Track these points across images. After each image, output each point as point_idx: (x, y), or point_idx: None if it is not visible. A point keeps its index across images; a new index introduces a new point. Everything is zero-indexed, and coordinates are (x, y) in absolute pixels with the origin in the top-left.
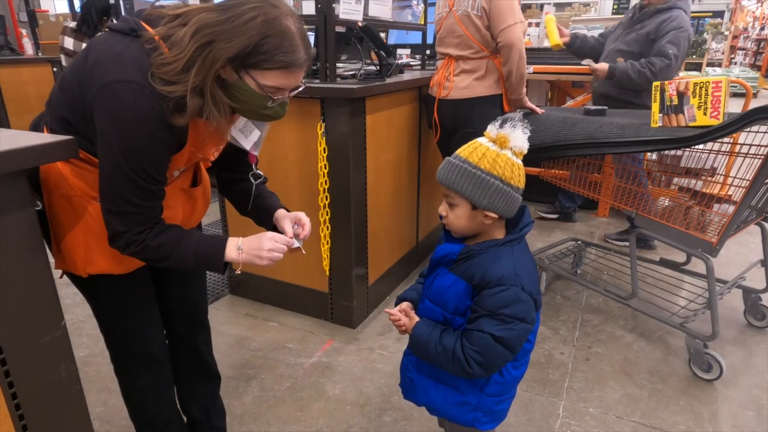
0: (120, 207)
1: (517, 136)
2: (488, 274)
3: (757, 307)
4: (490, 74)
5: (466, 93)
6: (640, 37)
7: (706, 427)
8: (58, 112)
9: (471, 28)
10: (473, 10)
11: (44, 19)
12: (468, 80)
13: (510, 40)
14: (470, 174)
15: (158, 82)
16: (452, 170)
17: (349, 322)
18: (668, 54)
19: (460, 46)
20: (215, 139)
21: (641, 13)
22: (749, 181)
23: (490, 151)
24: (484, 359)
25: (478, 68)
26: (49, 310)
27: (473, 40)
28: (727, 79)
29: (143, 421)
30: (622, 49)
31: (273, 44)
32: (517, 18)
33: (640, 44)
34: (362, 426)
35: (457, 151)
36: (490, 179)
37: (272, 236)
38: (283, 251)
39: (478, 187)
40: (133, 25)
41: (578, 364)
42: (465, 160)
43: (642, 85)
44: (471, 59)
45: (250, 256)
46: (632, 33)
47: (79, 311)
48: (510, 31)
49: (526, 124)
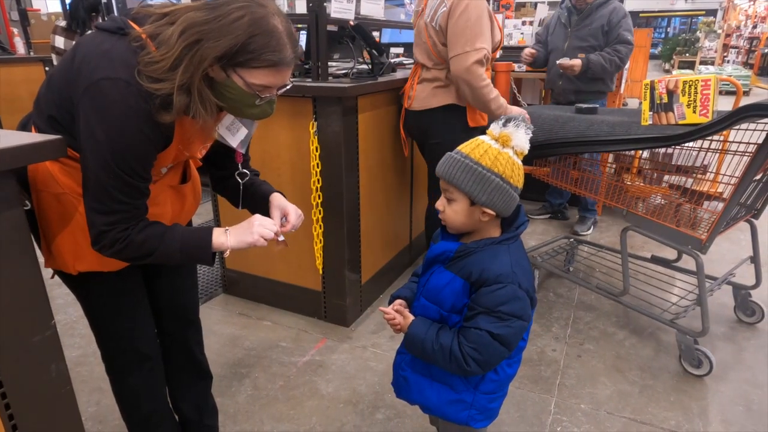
0: (105, 205)
1: (519, 135)
2: (486, 271)
3: (746, 303)
4: (451, 84)
5: (426, 103)
6: (594, 31)
7: (695, 423)
8: (45, 110)
9: (431, 39)
10: (432, 22)
11: (36, 18)
12: (428, 89)
13: (455, 72)
14: (471, 169)
15: (145, 80)
16: (453, 165)
17: (342, 321)
18: (629, 40)
19: (424, 54)
20: (202, 137)
21: (586, 9)
22: (738, 178)
23: (492, 149)
24: (482, 356)
25: (437, 78)
26: (39, 309)
27: (432, 51)
28: (716, 78)
29: (135, 419)
30: (579, 45)
31: (260, 43)
32: (470, 45)
33: (596, 37)
34: (355, 424)
35: (459, 147)
36: (491, 176)
37: (260, 217)
38: (272, 230)
39: (477, 183)
40: (121, 24)
41: (570, 360)
42: (467, 155)
43: (613, 72)
44: (431, 69)
45: (237, 236)
46: (583, 29)
47: (71, 311)
48: (457, 61)
49: (529, 125)
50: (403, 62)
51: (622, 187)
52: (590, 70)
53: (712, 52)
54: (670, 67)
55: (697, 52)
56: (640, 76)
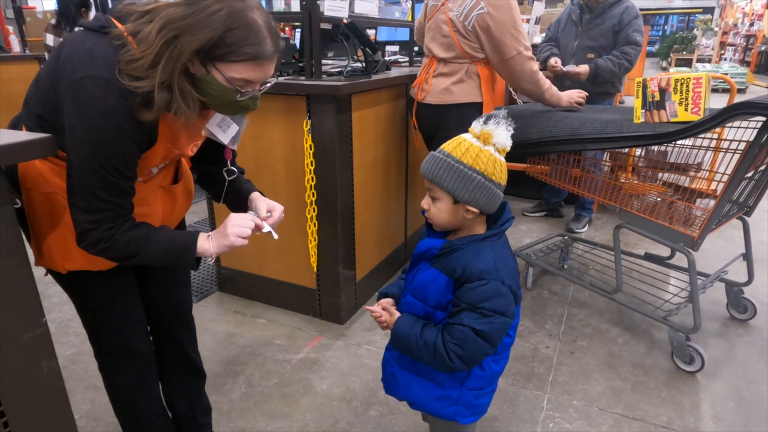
0: (88, 203)
1: (500, 133)
2: (469, 268)
3: (739, 300)
4: (470, 80)
5: (443, 98)
6: (605, 31)
7: (687, 418)
8: (34, 109)
9: (458, 34)
10: (465, 21)
11: (31, 15)
12: (446, 84)
13: (512, 75)
14: (453, 168)
15: (126, 78)
16: (435, 164)
17: (337, 319)
18: (638, 41)
19: (444, 47)
20: (188, 134)
21: (598, 8)
22: (729, 175)
23: (473, 147)
24: (465, 352)
25: (456, 72)
26: (30, 307)
27: (459, 47)
28: (707, 76)
29: (129, 417)
30: (589, 44)
31: (238, 36)
32: (522, 45)
33: (606, 37)
34: (349, 420)
35: (441, 146)
36: (473, 174)
37: (235, 215)
38: (249, 227)
39: (460, 182)
40: (103, 22)
41: (563, 357)
42: (448, 154)
43: (622, 75)
44: (451, 62)
45: (217, 240)
46: (594, 28)
47: (66, 309)
48: (515, 63)
49: (510, 122)
50: (398, 60)
51: (617, 184)
52: (599, 76)
53: (709, 49)
54: (668, 65)
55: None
56: (636, 74)
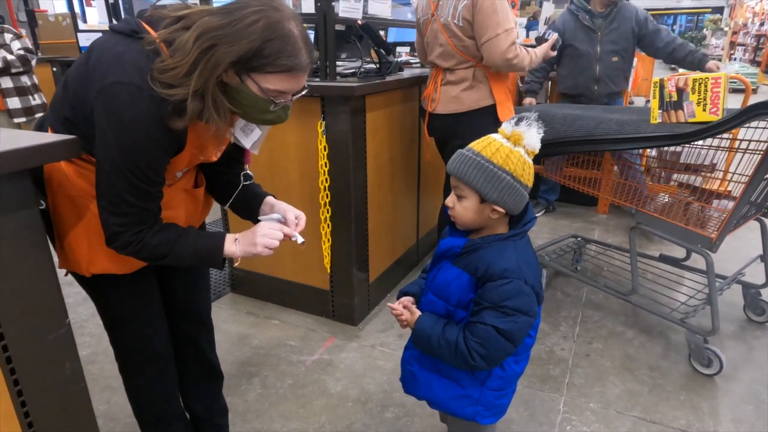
0: (117, 207)
1: (531, 135)
2: (492, 267)
3: (756, 303)
4: (479, 84)
5: (453, 107)
6: (626, 34)
7: (706, 422)
8: (61, 112)
9: (454, 38)
10: (454, 20)
11: (43, 18)
12: (455, 92)
13: (491, 57)
14: (482, 167)
15: (158, 86)
16: (465, 162)
17: (350, 320)
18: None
19: (444, 56)
20: (215, 141)
21: (611, 14)
22: (748, 176)
23: (503, 147)
24: (487, 351)
25: (464, 78)
26: (54, 308)
27: (456, 50)
28: (726, 75)
29: (147, 418)
30: (612, 48)
31: (275, 48)
32: (501, 27)
33: (627, 40)
34: (364, 422)
35: (470, 144)
36: (502, 174)
37: (265, 225)
38: (278, 238)
39: (489, 181)
40: (135, 27)
41: (579, 359)
42: (478, 153)
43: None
44: (457, 70)
45: (245, 245)
46: (612, 32)
47: (81, 310)
48: (491, 46)
49: (541, 124)
50: (409, 61)
51: (631, 185)
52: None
53: (718, 49)
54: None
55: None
56: (647, 74)
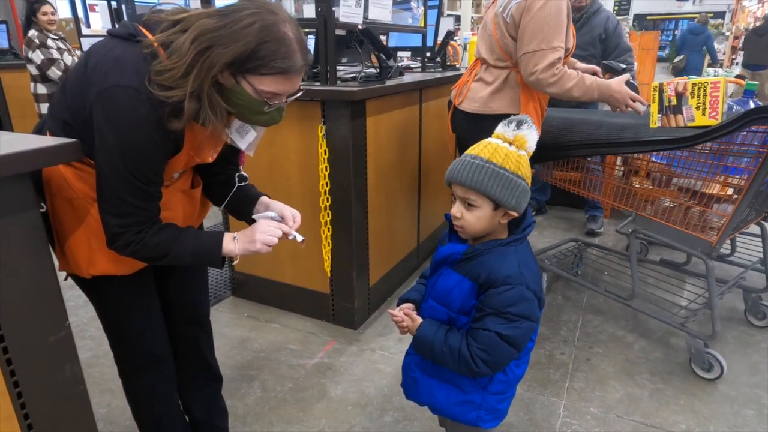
0: (117, 208)
1: (532, 137)
2: (494, 273)
3: (757, 307)
4: (508, 89)
5: (477, 107)
6: (593, 40)
7: (706, 426)
8: (60, 116)
9: (498, 32)
10: (503, 12)
11: None
12: (484, 92)
13: (525, 71)
14: (498, 175)
15: (156, 88)
16: (477, 171)
17: (350, 324)
18: (630, 46)
19: (488, 48)
20: (212, 142)
21: (581, 19)
22: (748, 180)
23: (511, 152)
24: (491, 357)
25: (495, 79)
26: (54, 310)
27: (497, 44)
28: (725, 80)
29: (146, 420)
30: (578, 54)
31: (270, 50)
32: (545, 43)
33: (594, 45)
34: (364, 426)
35: (471, 152)
36: (517, 179)
37: (264, 223)
38: (276, 235)
39: (506, 188)
40: (132, 30)
41: (579, 364)
42: (488, 160)
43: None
44: (492, 67)
45: (244, 243)
46: (580, 38)
47: (82, 313)
48: (527, 60)
49: (535, 127)
50: (410, 66)
51: (631, 189)
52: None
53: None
54: None
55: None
56: (648, 79)
